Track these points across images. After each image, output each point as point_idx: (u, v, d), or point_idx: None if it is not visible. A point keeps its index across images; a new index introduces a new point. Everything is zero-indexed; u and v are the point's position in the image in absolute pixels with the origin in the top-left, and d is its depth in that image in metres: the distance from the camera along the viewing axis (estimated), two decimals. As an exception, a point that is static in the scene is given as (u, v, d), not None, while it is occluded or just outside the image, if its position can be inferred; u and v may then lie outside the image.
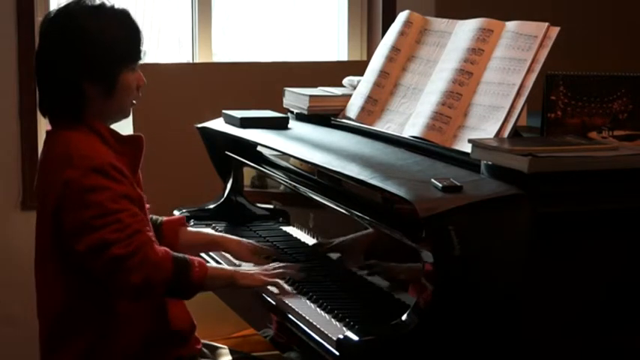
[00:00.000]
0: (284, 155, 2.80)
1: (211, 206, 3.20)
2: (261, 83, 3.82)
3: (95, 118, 2.35)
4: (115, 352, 2.36)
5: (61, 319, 2.36)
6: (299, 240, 2.86)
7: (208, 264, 2.40)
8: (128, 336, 2.36)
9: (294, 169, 2.84)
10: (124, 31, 2.35)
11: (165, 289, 2.29)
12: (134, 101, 2.41)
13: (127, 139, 2.40)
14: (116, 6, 2.37)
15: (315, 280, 2.51)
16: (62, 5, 2.36)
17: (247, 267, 2.58)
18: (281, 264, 2.54)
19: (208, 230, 2.93)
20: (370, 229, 2.42)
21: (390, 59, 2.84)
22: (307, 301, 2.37)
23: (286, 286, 2.46)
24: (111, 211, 2.24)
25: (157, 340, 2.41)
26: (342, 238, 2.63)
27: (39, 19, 3.69)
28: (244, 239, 2.73)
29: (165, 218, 2.68)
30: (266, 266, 2.54)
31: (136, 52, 2.37)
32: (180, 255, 2.33)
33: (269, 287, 2.46)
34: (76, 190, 2.25)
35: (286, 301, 2.39)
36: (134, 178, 2.38)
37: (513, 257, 2.06)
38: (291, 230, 2.95)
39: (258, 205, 3.16)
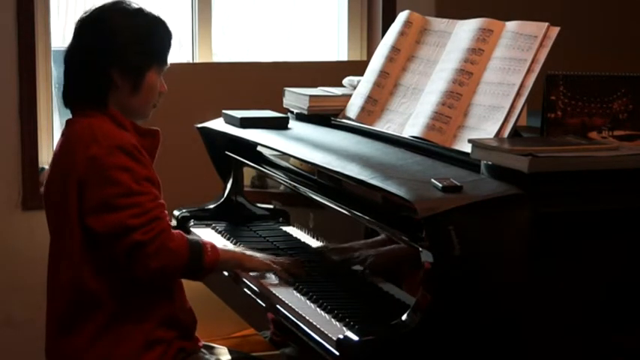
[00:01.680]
0: (284, 155, 2.80)
1: (211, 206, 3.20)
2: (261, 83, 3.82)
3: (117, 110, 2.41)
4: (125, 336, 2.38)
5: (74, 301, 2.40)
6: (299, 240, 2.86)
7: (219, 247, 2.46)
8: (138, 319, 2.40)
9: (294, 169, 2.84)
10: (159, 33, 2.46)
11: (180, 273, 2.39)
12: (155, 105, 2.49)
13: (146, 131, 2.47)
14: (154, 12, 2.47)
15: (315, 280, 2.52)
16: (99, 5, 2.45)
17: (256, 253, 2.62)
18: (287, 259, 2.60)
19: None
20: (370, 229, 2.42)
21: (390, 59, 2.84)
22: (307, 301, 2.37)
23: (287, 276, 2.52)
24: (133, 192, 2.30)
25: (165, 326, 2.44)
26: (342, 238, 2.63)
27: (38, 20, 3.70)
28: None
29: None
30: (278, 258, 2.60)
31: (165, 56, 2.48)
32: (194, 239, 2.41)
33: (268, 275, 2.55)
34: (100, 166, 2.31)
35: (286, 301, 2.39)
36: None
37: (513, 257, 2.06)
38: (291, 230, 2.95)
39: (258, 205, 3.16)
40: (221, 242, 2.88)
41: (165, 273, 2.35)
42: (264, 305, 2.46)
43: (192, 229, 3.07)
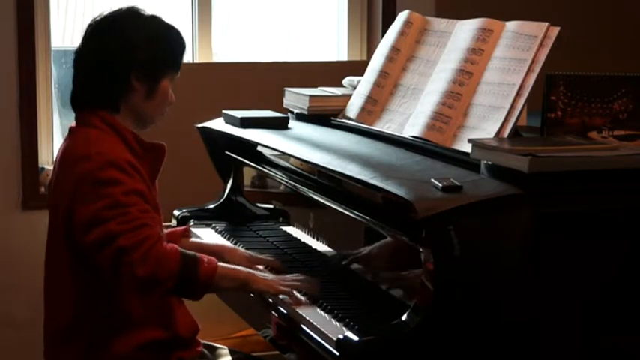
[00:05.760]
0: (284, 155, 2.80)
1: (211, 206, 3.20)
2: (261, 83, 3.82)
3: (126, 117, 2.38)
4: (116, 355, 2.36)
5: (67, 318, 2.37)
6: (299, 240, 2.86)
7: (221, 263, 2.35)
8: (131, 339, 2.37)
9: (294, 169, 2.84)
10: (175, 41, 2.44)
11: (172, 285, 2.26)
12: (163, 113, 2.46)
13: (149, 145, 2.42)
14: (168, 21, 2.46)
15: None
16: (115, 10, 2.42)
17: (265, 274, 2.49)
18: (300, 276, 2.44)
19: (208, 240, 2.88)
20: (370, 229, 2.41)
21: (390, 59, 2.84)
22: (307, 301, 2.37)
23: (299, 296, 2.37)
24: (121, 203, 2.25)
25: (160, 344, 2.41)
26: (342, 238, 2.63)
27: (38, 20, 3.70)
28: (241, 248, 2.70)
29: (169, 230, 2.67)
30: (286, 275, 2.45)
31: (179, 65, 2.45)
32: (190, 252, 2.31)
33: (280, 296, 2.39)
34: (90, 182, 2.27)
35: (286, 301, 2.38)
36: (152, 186, 2.40)
37: (513, 257, 2.06)
38: (291, 230, 2.95)
39: (258, 205, 3.17)
40: (221, 242, 2.88)
41: (155, 283, 2.24)
42: (263, 305, 2.46)
43: (192, 229, 3.07)
